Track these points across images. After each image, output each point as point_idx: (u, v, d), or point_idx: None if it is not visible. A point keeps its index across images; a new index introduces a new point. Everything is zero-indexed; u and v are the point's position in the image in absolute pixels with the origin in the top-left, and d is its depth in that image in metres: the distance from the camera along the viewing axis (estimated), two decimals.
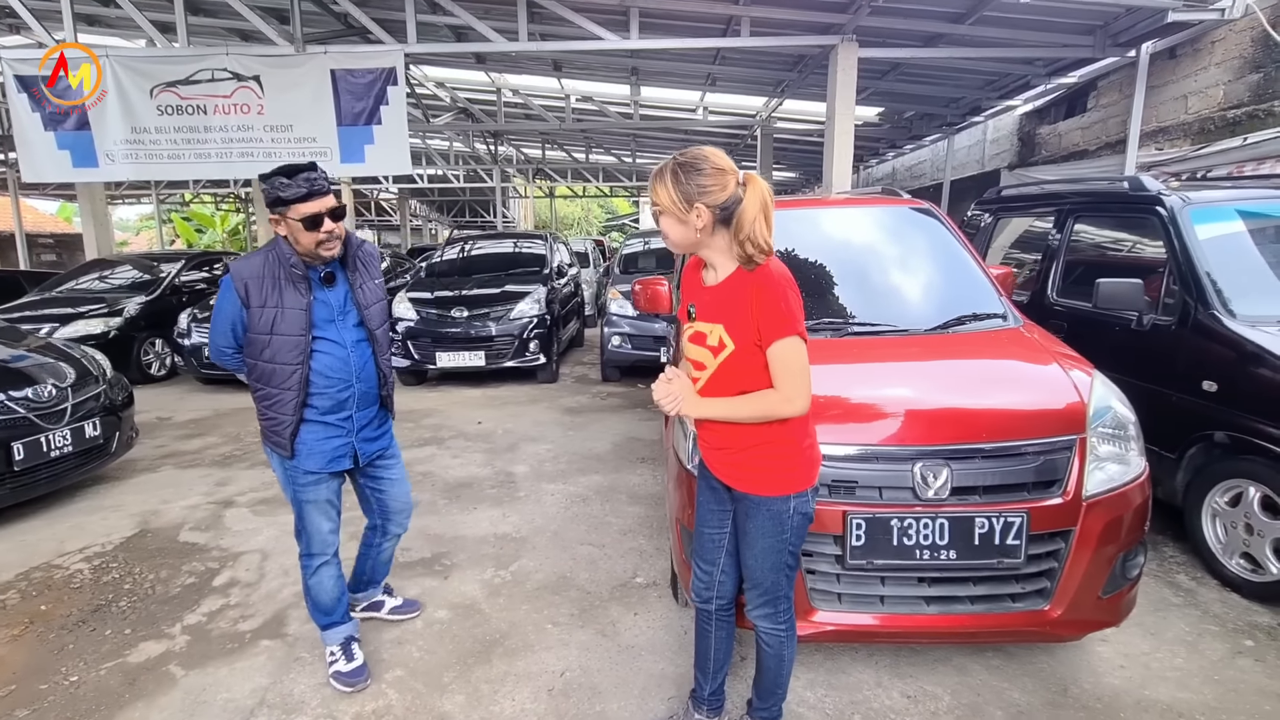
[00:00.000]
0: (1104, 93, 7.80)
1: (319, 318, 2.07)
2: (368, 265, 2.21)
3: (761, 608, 1.72)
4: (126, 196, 21.24)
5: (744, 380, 1.56)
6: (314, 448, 2.12)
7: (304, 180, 1.95)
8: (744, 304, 1.51)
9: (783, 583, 1.69)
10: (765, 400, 1.52)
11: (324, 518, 2.22)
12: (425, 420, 5.60)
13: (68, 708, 2.15)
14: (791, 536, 1.64)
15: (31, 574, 3.07)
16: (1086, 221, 3.95)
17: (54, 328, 6.59)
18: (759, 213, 1.47)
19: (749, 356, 1.53)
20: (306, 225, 1.97)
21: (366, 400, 2.21)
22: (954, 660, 2.29)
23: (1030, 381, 2.26)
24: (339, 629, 2.29)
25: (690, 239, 1.54)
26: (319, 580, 2.25)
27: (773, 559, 1.66)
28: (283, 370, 2.04)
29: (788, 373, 1.49)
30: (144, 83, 6.74)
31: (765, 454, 1.60)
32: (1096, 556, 1.92)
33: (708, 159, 1.48)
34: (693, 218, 1.49)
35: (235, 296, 2.02)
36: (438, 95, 11.95)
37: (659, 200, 1.53)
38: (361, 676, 2.22)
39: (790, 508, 1.61)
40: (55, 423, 3.67)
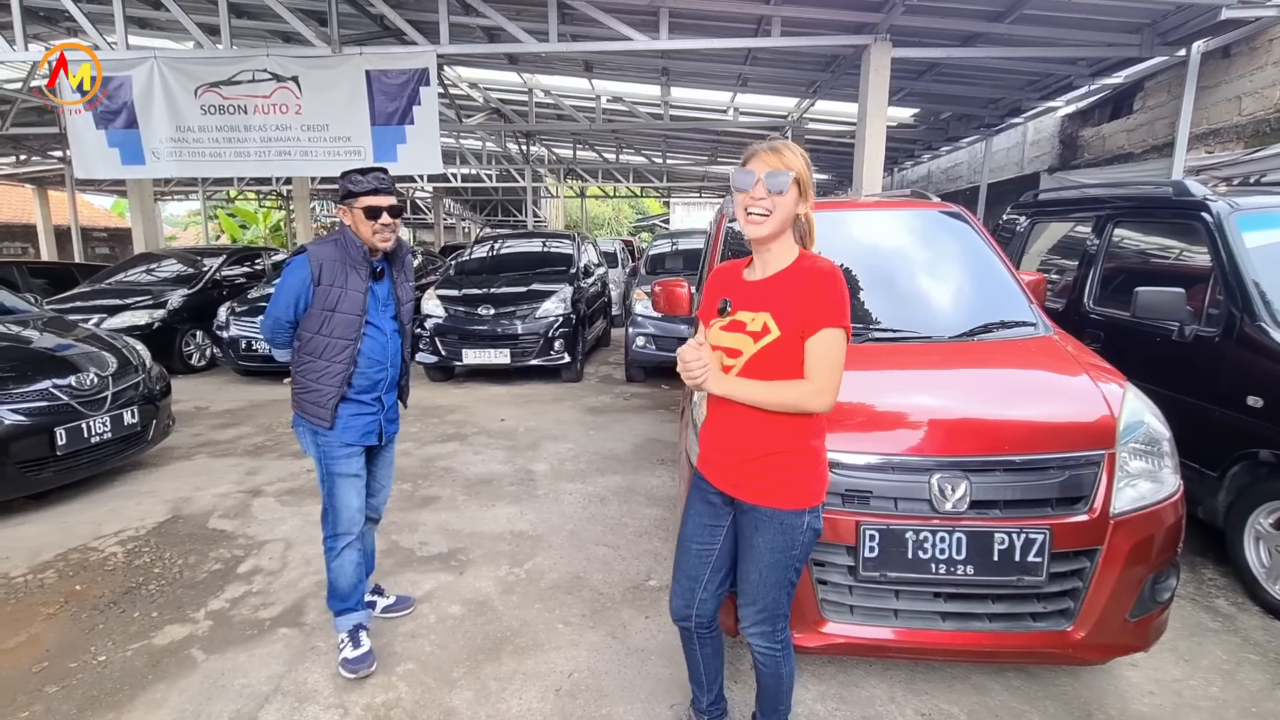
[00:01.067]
0: (1151, 93, 7.51)
1: (371, 304, 2.30)
2: (406, 268, 2.48)
3: (759, 625, 1.65)
4: (175, 192, 22.02)
5: (779, 370, 1.50)
6: (350, 422, 2.32)
7: (373, 178, 2.25)
8: (796, 292, 1.49)
9: (784, 600, 1.63)
10: (794, 389, 1.47)
11: (354, 493, 2.36)
12: (449, 416, 5.68)
13: (94, 686, 2.23)
14: (800, 553, 1.58)
15: (69, 554, 3.19)
16: (1127, 227, 3.80)
17: (102, 318, 6.87)
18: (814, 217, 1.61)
19: (790, 345, 1.49)
20: (366, 214, 2.23)
21: (391, 384, 2.44)
22: (972, 678, 2.22)
23: (1058, 393, 2.17)
24: (350, 616, 2.37)
25: (788, 222, 1.54)
26: (342, 563, 2.35)
27: (778, 575, 1.59)
28: (337, 344, 2.25)
29: (824, 364, 1.45)
30: (189, 83, 6.97)
31: (781, 464, 1.53)
32: (1124, 577, 1.84)
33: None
34: (808, 198, 1.54)
35: (308, 273, 2.22)
36: (471, 95, 12.11)
37: (797, 169, 1.49)
38: (365, 663, 2.28)
39: (804, 523, 1.55)
40: (96, 410, 3.82)
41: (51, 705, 2.14)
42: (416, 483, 4.11)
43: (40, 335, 4.28)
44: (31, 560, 3.13)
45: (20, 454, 3.47)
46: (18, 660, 2.38)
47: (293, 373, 2.36)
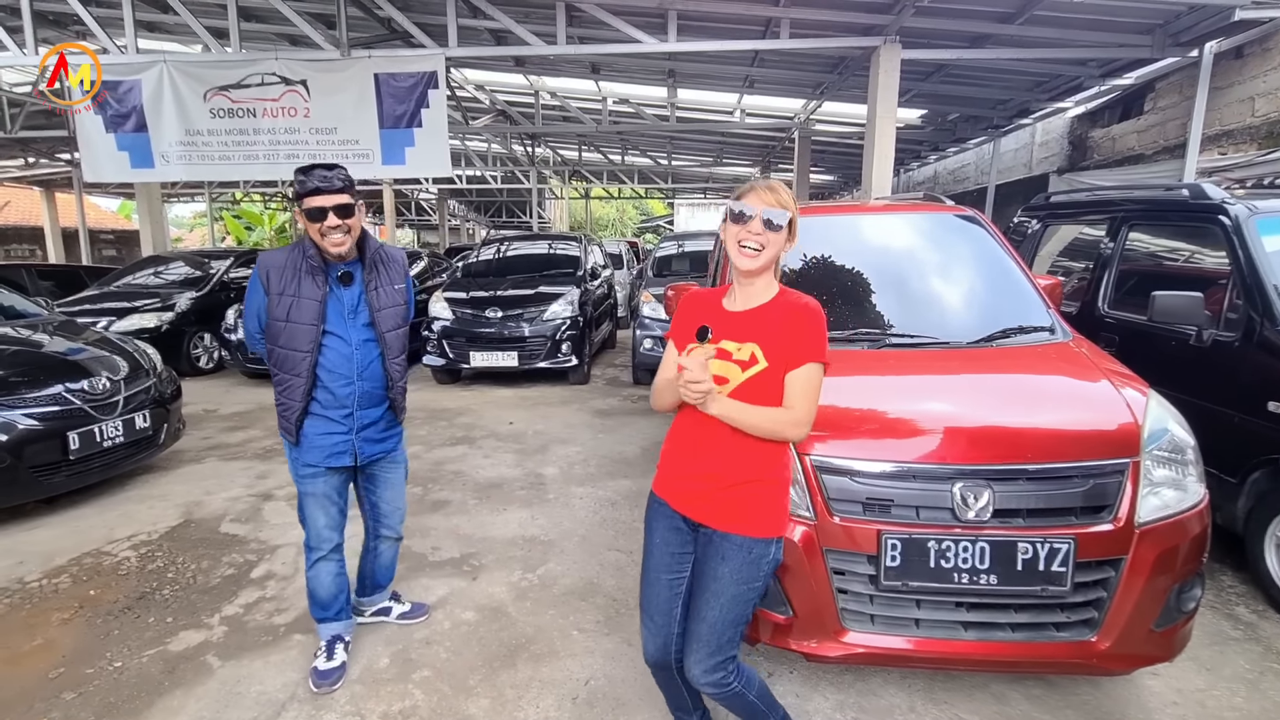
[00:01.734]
0: (1162, 94, 7.47)
1: (331, 313, 2.16)
2: (388, 268, 2.28)
3: (712, 672, 1.55)
4: (181, 195, 22.10)
5: (763, 399, 1.53)
6: (314, 441, 2.20)
7: (317, 177, 2.07)
8: (781, 325, 1.53)
9: (737, 638, 1.58)
10: (779, 416, 1.51)
11: (320, 512, 2.28)
12: (458, 419, 5.68)
13: (111, 693, 2.23)
14: (761, 586, 1.57)
15: (83, 559, 3.19)
16: (1142, 230, 3.78)
17: (110, 321, 6.89)
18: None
19: (775, 376, 1.53)
20: (310, 217, 2.08)
21: (370, 400, 2.26)
22: (992, 687, 2.20)
23: (1079, 400, 2.16)
24: (329, 626, 2.34)
25: (775, 258, 1.56)
26: (315, 574, 2.31)
27: (737, 610, 1.55)
28: (294, 356, 2.14)
29: (806, 396, 1.50)
30: (198, 86, 6.99)
31: (755, 492, 1.54)
32: (1149, 587, 1.82)
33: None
34: (794, 239, 1.57)
35: (258, 284, 2.15)
36: (477, 98, 12.12)
37: (792, 209, 1.54)
38: (330, 679, 2.24)
39: (770, 553, 1.56)
40: (108, 414, 3.82)
41: (69, 712, 2.14)
42: (427, 486, 4.10)
43: (52, 339, 4.29)
44: (45, 565, 3.13)
45: (33, 458, 3.47)
46: (35, 666, 2.38)
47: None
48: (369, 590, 2.60)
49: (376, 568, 2.56)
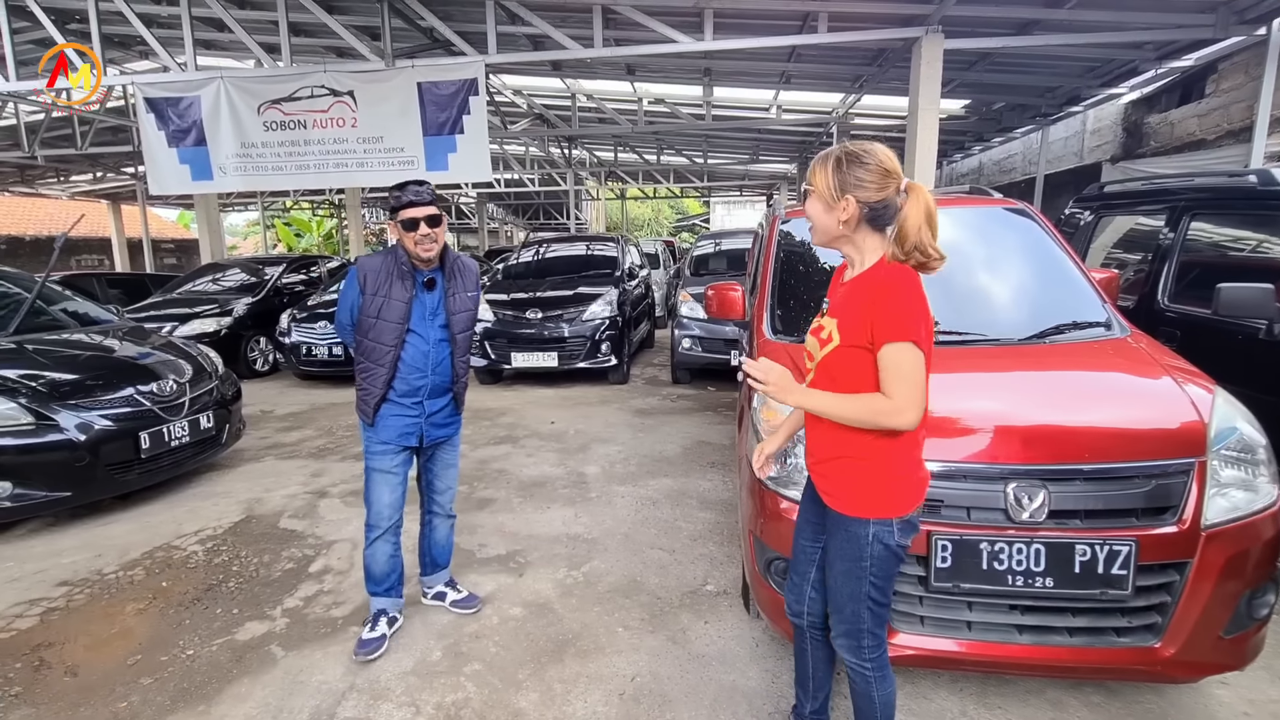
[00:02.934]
0: (1225, 75, 7.09)
1: (414, 314, 2.42)
2: (464, 276, 2.54)
3: (842, 637, 1.63)
4: (235, 204, 23.05)
5: (842, 381, 1.49)
6: (388, 422, 2.47)
7: (410, 191, 2.35)
8: (862, 300, 1.46)
9: (864, 616, 1.57)
10: (872, 404, 1.43)
11: (386, 488, 2.51)
12: (501, 419, 5.78)
13: (184, 679, 2.36)
14: (872, 566, 1.52)
15: (155, 553, 3.38)
16: (1205, 219, 3.61)
17: (174, 326, 7.26)
18: (923, 221, 1.44)
19: (850, 356, 1.47)
20: (404, 227, 2.35)
21: (438, 391, 2.53)
22: (1048, 693, 2.15)
23: (1140, 397, 2.08)
24: (378, 600, 2.57)
25: (831, 229, 1.52)
26: (373, 551, 2.54)
27: (851, 586, 1.56)
28: (381, 349, 2.39)
29: (899, 379, 1.40)
30: (252, 101, 7.29)
31: (844, 469, 1.52)
32: (1218, 592, 1.75)
33: (875, 155, 1.46)
34: (840, 207, 1.48)
35: (355, 284, 2.41)
36: (515, 102, 12.30)
37: (814, 182, 1.53)
38: (368, 648, 2.44)
39: (869, 534, 1.50)
40: (175, 415, 4.04)
41: (147, 696, 2.27)
42: (473, 485, 4.20)
43: (122, 344, 4.54)
44: (121, 558, 3.33)
45: (109, 457, 3.69)
46: (114, 653, 2.53)
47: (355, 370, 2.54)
48: (429, 569, 2.79)
49: (433, 543, 2.76)
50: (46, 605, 2.89)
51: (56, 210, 21.73)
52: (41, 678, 2.39)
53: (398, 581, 2.60)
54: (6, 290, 4.69)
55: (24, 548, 3.49)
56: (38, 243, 19.90)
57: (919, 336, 1.41)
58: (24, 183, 17.82)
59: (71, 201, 20.26)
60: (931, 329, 1.46)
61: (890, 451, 1.49)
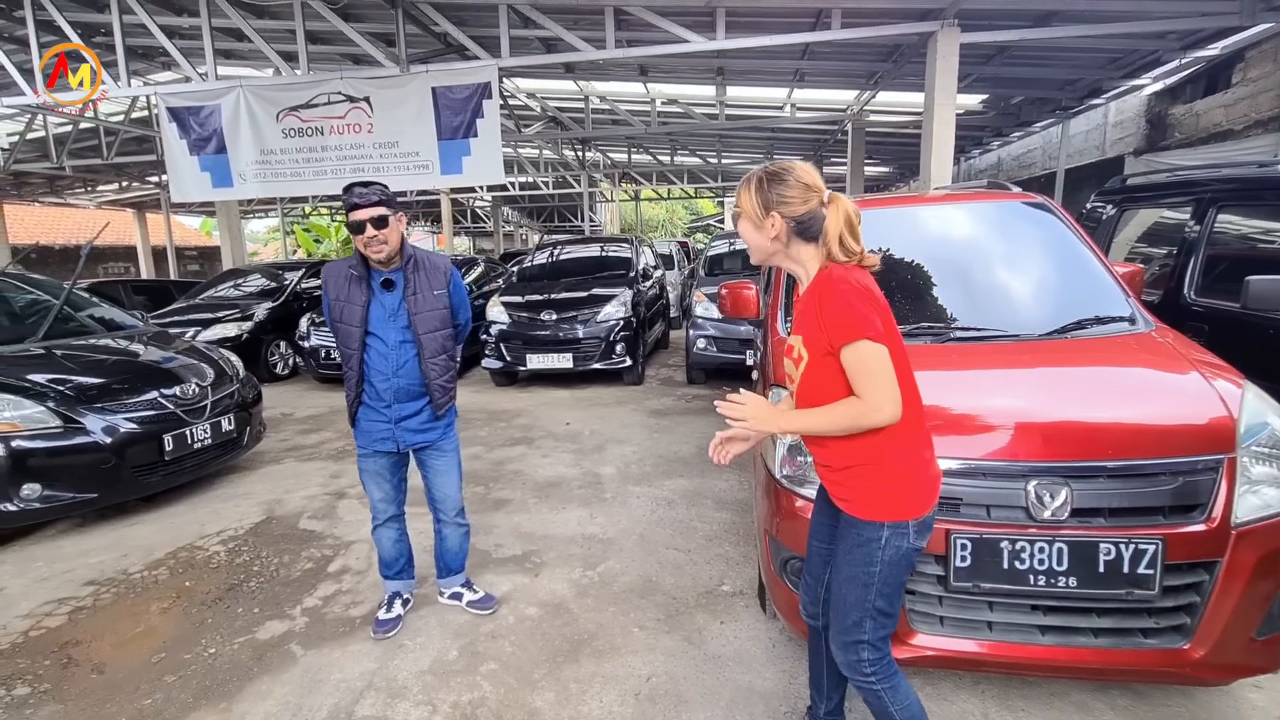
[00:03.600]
0: (1253, 64, 6.93)
1: (373, 316, 2.44)
2: (429, 275, 2.50)
3: (841, 650, 1.57)
4: (256, 211, 23.46)
5: (825, 393, 1.49)
6: (364, 426, 2.55)
7: (355, 194, 2.34)
8: (815, 310, 1.48)
9: (865, 626, 1.52)
10: (850, 409, 1.43)
11: (375, 487, 2.63)
12: (516, 420, 5.81)
13: (207, 677, 2.40)
14: (881, 571, 1.49)
15: (178, 553, 3.44)
16: (1233, 211, 3.52)
17: (197, 331, 7.38)
18: (841, 228, 1.49)
19: (823, 367, 1.48)
20: (352, 230, 2.36)
21: (407, 395, 2.51)
22: (1073, 695, 2.10)
23: (1165, 392, 2.03)
24: (391, 583, 2.72)
25: (764, 246, 1.57)
26: (378, 537, 2.68)
27: (856, 593, 1.52)
28: (347, 353, 2.46)
29: (866, 378, 1.41)
30: (271, 108, 7.41)
31: (859, 475, 1.50)
32: (1249, 592, 1.70)
33: (793, 172, 1.52)
34: (767, 225, 1.53)
35: (325, 289, 2.50)
36: (529, 105, 12.37)
37: (740, 204, 1.58)
38: (385, 627, 2.58)
39: (882, 537, 1.47)
40: (197, 418, 4.10)
41: (170, 694, 2.31)
42: (489, 485, 4.22)
43: (146, 349, 4.63)
44: (146, 558, 3.39)
45: (134, 459, 3.76)
46: (139, 651, 2.58)
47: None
48: (443, 573, 2.81)
49: (443, 550, 2.77)
50: (75, 604, 2.96)
51: (84, 219, 22.27)
52: (69, 675, 2.44)
53: (408, 563, 2.75)
54: (36, 297, 4.81)
55: (53, 548, 3.57)
56: (66, 251, 20.40)
57: (873, 331, 1.40)
58: (53, 193, 18.30)
59: (98, 210, 20.75)
60: (889, 318, 1.46)
61: (899, 452, 1.48)
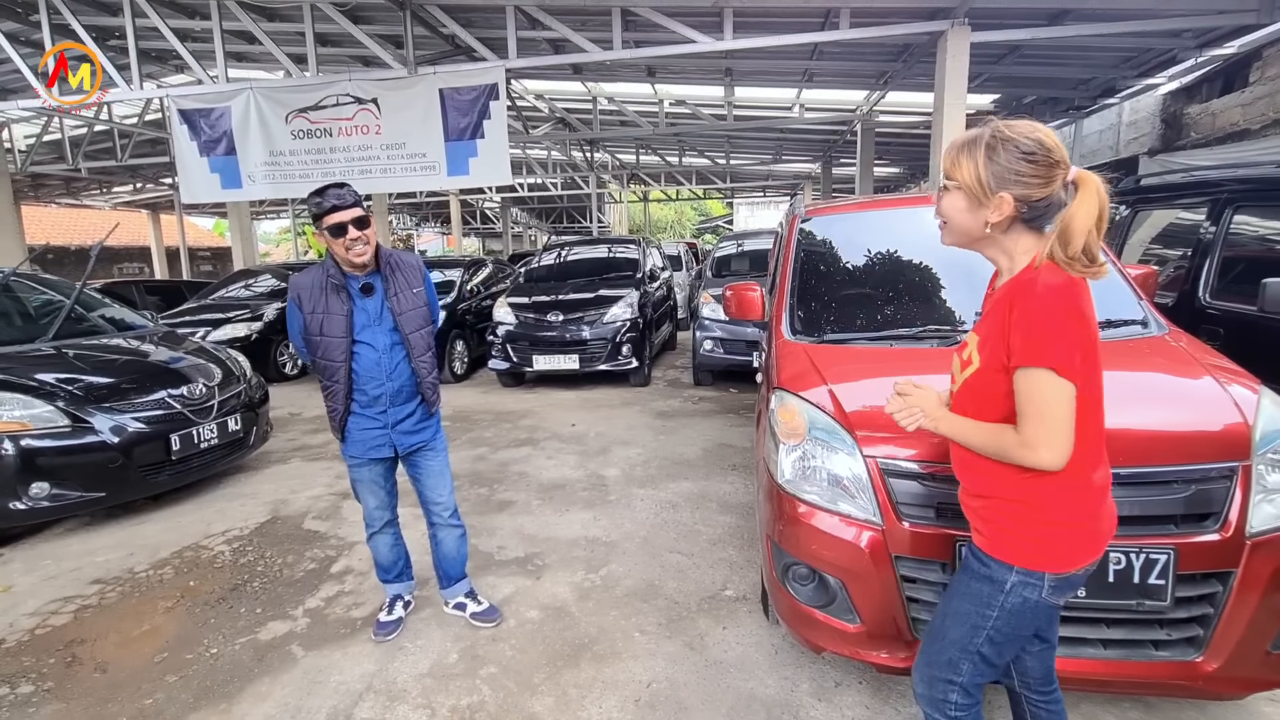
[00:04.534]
0: (1270, 62, 6.81)
1: (358, 323, 2.35)
2: (405, 274, 2.44)
3: (926, 684, 1.43)
4: (267, 212, 23.70)
5: (982, 405, 1.30)
6: (356, 436, 2.46)
7: (330, 195, 2.23)
8: (1004, 314, 1.23)
9: (963, 668, 1.37)
10: (1002, 437, 1.24)
11: (369, 495, 2.58)
12: (522, 421, 5.80)
13: (208, 677, 2.40)
14: (998, 619, 1.31)
15: (183, 552, 3.45)
16: (1250, 212, 3.45)
17: (207, 331, 7.44)
18: (1093, 224, 1.18)
19: (990, 381, 1.26)
20: (332, 233, 2.24)
21: (401, 397, 2.45)
22: (1082, 708, 2.06)
23: (1179, 397, 1.98)
24: (391, 586, 2.71)
25: (974, 231, 1.28)
26: (374, 544, 2.65)
27: (963, 632, 1.36)
28: (332, 366, 2.36)
29: (1030, 411, 1.19)
30: (280, 110, 7.46)
31: (994, 508, 1.33)
32: (1265, 604, 1.65)
33: (1041, 141, 1.20)
34: (992, 206, 1.23)
35: (294, 305, 2.38)
36: (537, 107, 12.40)
37: (958, 174, 1.26)
38: (387, 629, 2.58)
39: (1008, 582, 1.29)
40: (204, 418, 4.13)
41: (171, 694, 2.31)
42: (493, 487, 4.21)
43: (156, 349, 4.66)
44: (152, 557, 3.40)
45: (141, 458, 3.78)
46: (142, 650, 2.59)
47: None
48: (445, 582, 2.74)
49: (441, 557, 2.70)
50: (80, 602, 2.97)
51: (99, 220, 22.56)
52: (73, 673, 2.45)
53: (406, 566, 2.74)
54: (48, 298, 4.86)
55: (61, 546, 3.59)
56: (81, 252, 20.66)
57: (1062, 363, 1.16)
58: (69, 194, 18.56)
59: (113, 212, 21.02)
60: (1091, 354, 1.21)
61: (1047, 493, 1.26)
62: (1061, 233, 1.20)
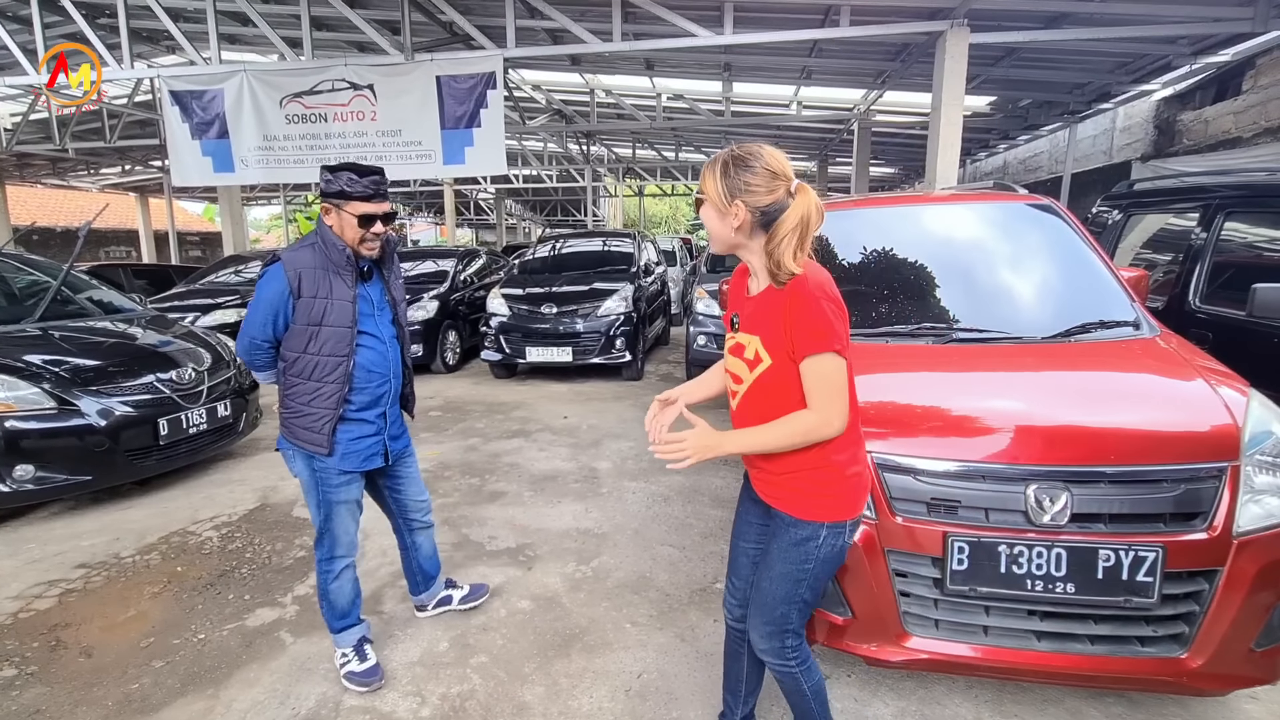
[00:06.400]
0: (1264, 71, 6.88)
1: (361, 311, 2.09)
2: (395, 262, 2.27)
3: (766, 639, 1.60)
4: (259, 198, 23.41)
5: (779, 397, 1.45)
6: (349, 447, 2.12)
7: (372, 182, 2.03)
8: (779, 315, 1.42)
9: (792, 616, 1.57)
10: (801, 423, 1.41)
11: (351, 519, 2.24)
12: (514, 413, 5.79)
13: (195, 663, 2.38)
14: (815, 568, 1.52)
15: (171, 538, 3.42)
16: (1240, 218, 3.49)
17: (196, 316, 7.35)
18: (794, 229, 1.38)
19: (784, 372, 1.44)
20: (360, 222, 2.03)
21: (397, 397, 2.26)
22: (1067, 702, 2.08)
23: (1169, 398, 2.01)
24: (352, 631, 2.29)
25: (727, 236, 1.48)
26: (340, 585, 2.24)
27: (787, 588, 1.54)
28: (329, 362, 2.04)
29: (823, 392, 1.38)
30: (274, 94, 7.37)
31: (801, 478, 1.49)
32: (1249, 603, 1.68)
33: (761, 158, 1.41)
34: (730, 214, 1.43)
35: (285, 286, 2.00)
36: (534, 98, 12.31)
37: (704, 189, 1.48)
38: (375, 676, 2.21)
39: (820, 536, 1.49)
40: (193, 403, 4.08)
41: (158, 679, 2.30)
42: (484, 477, 4.20)
43: (144, 332, 4.61)
44: (139, 542, 3.37)
45: (129, 442, 3.74)
46: (128, 634, 2.56)
47: (280, 395, 2.15)
48: (422, 585, 2.60)
49: (420, 560, 2.55)
50: (65, 587, 2.94)
51: (87, 202, 22.21)
52: (57, 657, 2.43)
53: (360, 604, 2.35)
54: (34, 278, 4.78)
55: (45, 530, 3.55)
56: (68, 234, 20.36)
57: (840, 344, 1.38)
58: (55, 175, 18.25)
59: (101, 194, 20.70)
60: (848, 326, 1.42)
61: (841, 457, 1.48)
62: (771, 232, 1.42)
